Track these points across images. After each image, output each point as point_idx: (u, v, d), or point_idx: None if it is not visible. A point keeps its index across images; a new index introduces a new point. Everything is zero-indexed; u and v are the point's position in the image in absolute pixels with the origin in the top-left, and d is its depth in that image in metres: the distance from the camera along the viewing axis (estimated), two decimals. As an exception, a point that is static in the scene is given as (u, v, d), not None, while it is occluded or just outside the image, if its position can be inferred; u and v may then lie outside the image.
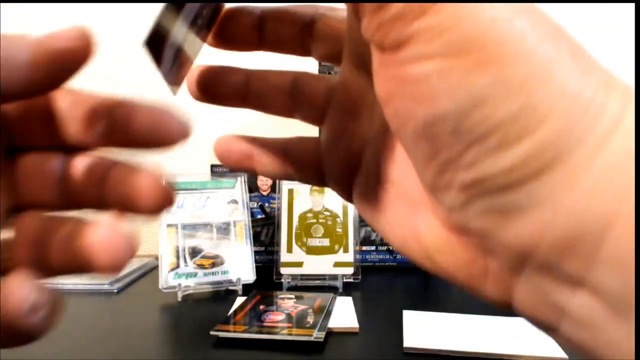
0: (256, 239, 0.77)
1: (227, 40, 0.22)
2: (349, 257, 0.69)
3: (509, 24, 0.13)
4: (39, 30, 0.16)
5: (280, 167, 0.22)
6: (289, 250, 0.70)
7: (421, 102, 0.14)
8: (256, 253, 0.74)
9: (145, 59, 0.18)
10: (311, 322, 0.51)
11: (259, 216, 0.78)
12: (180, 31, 0.19)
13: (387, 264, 0.79)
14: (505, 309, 0.16)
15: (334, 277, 0.67)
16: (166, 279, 0.63)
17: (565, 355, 0.45)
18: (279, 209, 0.72)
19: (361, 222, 0.77)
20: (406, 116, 0.14)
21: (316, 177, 0.22)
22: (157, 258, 0.66)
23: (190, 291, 0.64)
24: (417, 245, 0.18)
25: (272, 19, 0.21)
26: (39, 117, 0.18)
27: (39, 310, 0.15)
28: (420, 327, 0.51)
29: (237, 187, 0.71)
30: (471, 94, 0.13)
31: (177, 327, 0.55)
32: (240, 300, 0.60)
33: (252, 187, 0.77)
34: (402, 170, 0.18)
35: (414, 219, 0.18)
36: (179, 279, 0.63)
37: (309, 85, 0.21)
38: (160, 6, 0.18)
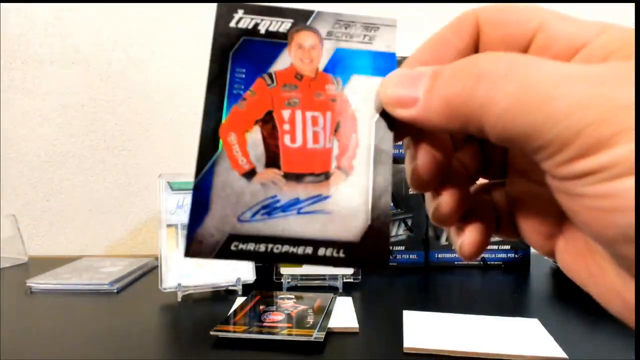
0: (256, 239, 0.77)
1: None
2: (349, 257, 0.69)
3: None
4: (38, 30, 0.16)
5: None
6: (289, 250, 0.70)
7: (617, 214, 0.14)
8: (256, 253, 0.74)
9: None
10: (311, 323, 0.51)
11: (259, 216, 0.78)
12: None
13: (387, 264, 0.79)
14: None
15: (334, 277, 0.67)
16: (166, 279, 0.63)
17: (565, 355, 0.45)
18: (279, 209, 0.72)
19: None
20: (602, 226, 0.15)
21: (514, 234, 0.23)
22: (157, 258, 0.66)
23: (190, 291, 0.64)
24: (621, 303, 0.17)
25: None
26: None
27: None
28: (420, 327, 0.51)
29: (237, 187, 0.71)
30: None
31: (177, 327, 0.55)
32: (240, 300, 0.60)
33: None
34: None
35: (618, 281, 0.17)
36: (179, 279, 0.63)
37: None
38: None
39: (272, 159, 0.19)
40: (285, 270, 0.68)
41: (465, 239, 0.22)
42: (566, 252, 0.20)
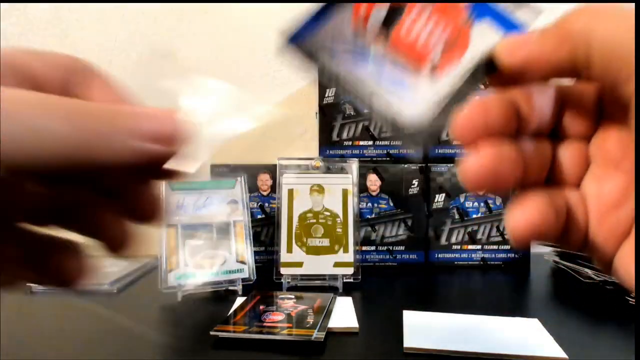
0: (256, 239, 0.77)
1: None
2: (349, 257, 0.69)
3: None
4: (37, 30, 0.17)
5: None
6: (289, 250, 0.70)
7: None
8: (256, 253, 0.74)
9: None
10: (311, 322, 0.51)
11: (259, 216, 0.78)
12: None
13: (387, 264, 0.79)
14: None
15: (334, 277, 0.67)
16: (166, 279, 0.63)
17: (565, 355, 0.45)
18: (279, 209, 0.72)
19: (361, 222, 0.77)
20: None
21: (580, 243, 0.22)
22: (157, 258, 0.66)
23: (190, 291, 0.64)
24: None
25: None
26: None
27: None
28: (420, 327, 0.51)
29: (237, 187, 0.71)
30: None
31: (177, 327, 0.55)
32: (240, 300, 0.60)
33: (252, 187, 0.77)
34: None
35: None
36: (179, 279, 0.63)
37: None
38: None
39: (384, 32, 0.21)
40: (285, 271, 0.68)
41: (520, 214, 0.20)
42: (630, 257, 0.19)
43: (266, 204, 0.78)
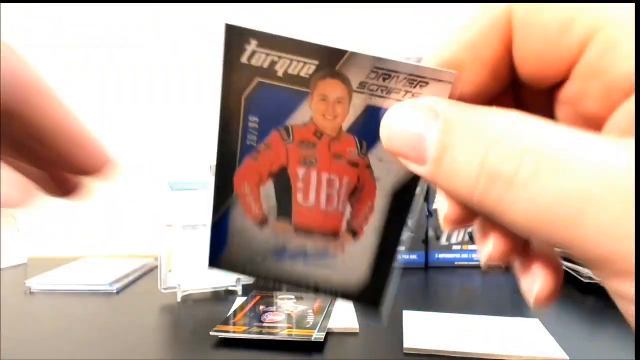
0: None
1: None
2: (349, 257, 0.69)
3: None
4: (37, 29, 0.17)
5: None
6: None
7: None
8: (256, 253, 0.74)
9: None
10: (311, 323, 0.51)
11: (259, 216, 0.78)
12: None
13: (387, 264, 0.79)
14: None
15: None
16: (166, 279, 0.63)
17: (565, 356, 0.45)
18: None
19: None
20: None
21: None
22: (156, 258, 0.66)
23: (190, 291, 0.64)
24: None
25: None
26: None
27: None
28: (420, 328, 0.51)
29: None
30: None
31: (177, 327, 0.55)
32: (240, 300, 0.60)
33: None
34: None
35: None
36: (179, 279, 0.63)
37: None
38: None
39: (284, 212, 0.19)
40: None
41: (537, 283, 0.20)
42: None
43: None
